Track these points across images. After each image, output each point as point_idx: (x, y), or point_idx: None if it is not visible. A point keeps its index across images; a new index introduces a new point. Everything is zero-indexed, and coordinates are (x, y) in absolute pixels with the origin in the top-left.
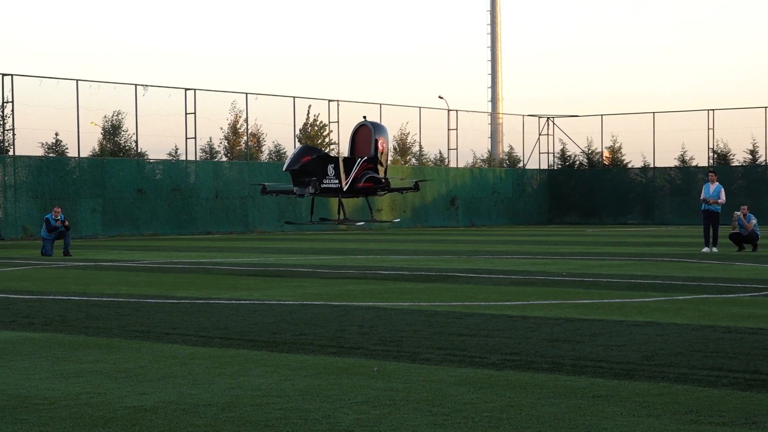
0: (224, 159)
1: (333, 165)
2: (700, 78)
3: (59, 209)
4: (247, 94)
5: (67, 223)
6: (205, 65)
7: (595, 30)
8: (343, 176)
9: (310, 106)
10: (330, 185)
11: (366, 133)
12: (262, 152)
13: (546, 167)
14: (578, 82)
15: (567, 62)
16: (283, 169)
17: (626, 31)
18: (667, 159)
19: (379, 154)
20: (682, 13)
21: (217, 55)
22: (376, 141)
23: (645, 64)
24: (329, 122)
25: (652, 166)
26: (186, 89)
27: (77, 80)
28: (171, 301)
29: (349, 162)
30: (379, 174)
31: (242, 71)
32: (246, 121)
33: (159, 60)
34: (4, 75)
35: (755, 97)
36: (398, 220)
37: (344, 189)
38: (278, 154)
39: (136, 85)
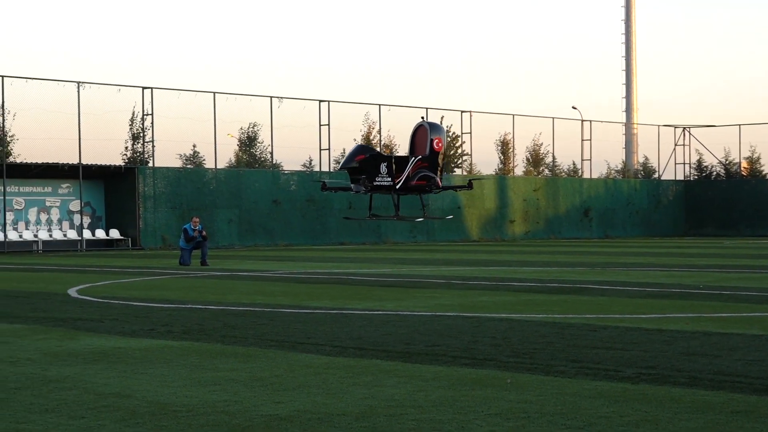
0: None
1: (386, 164)
2: None
3: (197, 219)
4: (380, 105)
5: (204, 233)
6: (338, 77)
7: (731, 38)
8: (395, 174)
9: (442, 117)
10: (383, 183)
11: (423, 133)
12: None
13: (682, 178)
14: (715, 91)
15: (703, 71)
16: (338, 167)
17: (763, 39)
18: None
19: (435, 153)
20: None
21: (351, 67)
22: (432, 140)
23: None
24: (462, 133)
25: None
26: (320, 101)
27: (214, 93)
28: (305, 311)
29: (402, 161)
30: (435, 171)
31: (375, 83)
32: (379, 132)
33: (294, 72)
34: (144, 88)
35: None
36: (451, 216)
37: (397, 186)
38: None
39: (271, 97)
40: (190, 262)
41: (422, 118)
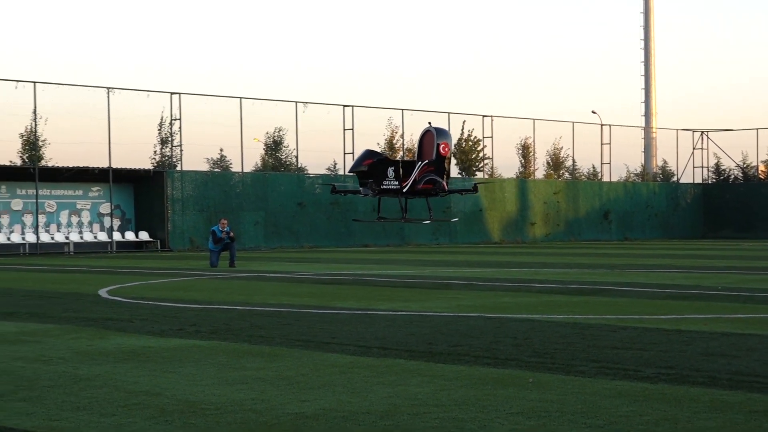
0: None
1: (393, 168)
2: None
3: (225, 221)
4: (402, 110)
5: (232, 234)
6: (362, 82)
7: (748, 42)
8: (402, 178)
9: (464, 122)
10: (390, 186)
11: (430, 139)
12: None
13: (700, 181)
14: (733, 95)
15: (721, 75)
16: (347, 171)
17: None
18: None
19: (442, 157)
20: None
21: (375, 72)
22: (438, 145)
23: None
24: (483, 137)
25: None
26: (344, 106)
27: (240, 98)
28: (331, 311)
29: (408, 165)
30: (441, 176)
31: (399, 88)
32: (402, 136)
33: (318, 78)
34: (172, 94)
35: None
36: (456, 219)
37: (404, 190)
38: None
39: (296, 102)
40: (218, 264)
41: (429, 123)
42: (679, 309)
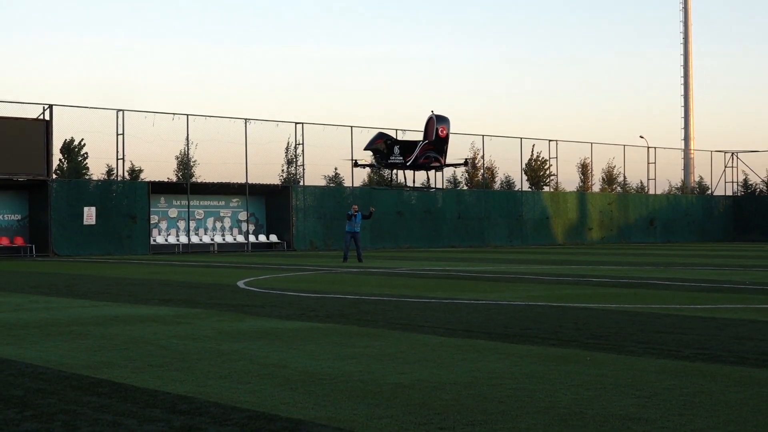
0: (465, 188)
1: (399, 146)
2: None
3: (356, 207)
4: (483, 135)
5: (372, 209)
6: (449, 113)
7: None
8: (405, 155)
9: (534, 145)
10: (395, 161)
11: (431, 124)
12: (495, 182)
13: (731, 194)
14: (759, 122)
15: (749, 104)
16: (363, 149)
17: None
18: None
19: (440, 138)
20: None
21: (460, 105)
22: (437, 129)
23: None
24: (549, 158)
25: None
26: None
27: (351, 127)
28: (423, 300)
29: (410, 144)
30: (439, 152)
31: (479, 117)
32: (482, 157)
33: (413, 109)
34: (296, 123)
35: None
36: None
37: (407, 164)
38: (508, 184)
39: (396, 129)
40: (351, 244)
41: (432, 111)
42: (713, 300)
